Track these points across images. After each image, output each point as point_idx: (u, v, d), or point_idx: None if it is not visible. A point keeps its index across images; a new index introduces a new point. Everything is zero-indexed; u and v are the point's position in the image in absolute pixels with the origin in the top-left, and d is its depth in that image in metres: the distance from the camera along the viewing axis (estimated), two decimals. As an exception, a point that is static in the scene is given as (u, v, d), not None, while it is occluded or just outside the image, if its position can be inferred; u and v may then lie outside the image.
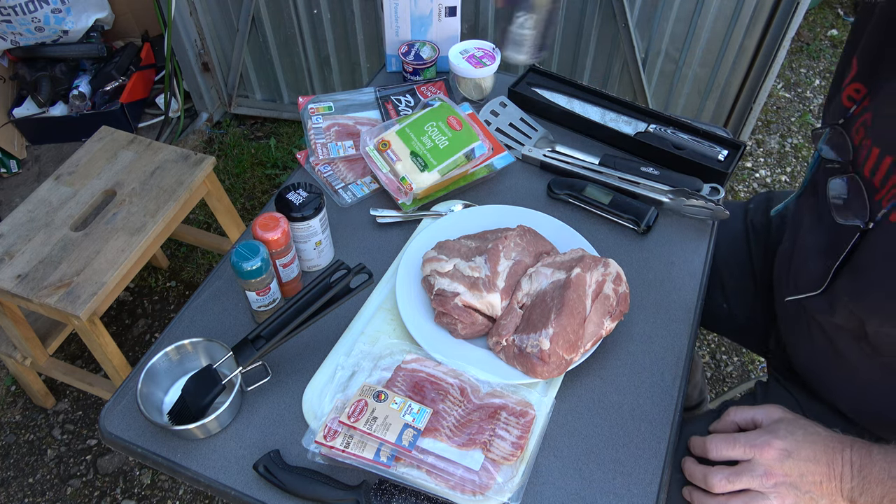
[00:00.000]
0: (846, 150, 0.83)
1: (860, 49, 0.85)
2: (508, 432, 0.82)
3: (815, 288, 0.84)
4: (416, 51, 1.30)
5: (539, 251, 1.00)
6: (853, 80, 0.85)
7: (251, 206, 2.38)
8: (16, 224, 1.53)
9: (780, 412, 0.86)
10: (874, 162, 0.77)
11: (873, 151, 0.77)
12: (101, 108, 2.45)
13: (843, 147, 0.84)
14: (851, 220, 0.78)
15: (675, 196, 1.10)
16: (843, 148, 0.84)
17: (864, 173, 0.78)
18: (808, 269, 0.89)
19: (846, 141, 0.83)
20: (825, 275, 0.83)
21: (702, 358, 2.02)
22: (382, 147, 1.10)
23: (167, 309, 2.12)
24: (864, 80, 0.84)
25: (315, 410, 0.86)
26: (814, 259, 0.88)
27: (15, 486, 1.77)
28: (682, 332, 0.97)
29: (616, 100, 1.27)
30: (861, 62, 0.85)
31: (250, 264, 0.87)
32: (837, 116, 0.87)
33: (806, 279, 0.89)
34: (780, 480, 0.79)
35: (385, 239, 1.08)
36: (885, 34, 0.81)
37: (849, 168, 0.82)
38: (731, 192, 2.46)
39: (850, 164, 0.82)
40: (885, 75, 0.80)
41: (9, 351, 1.68)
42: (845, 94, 0.86)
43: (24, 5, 2.27)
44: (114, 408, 0.89)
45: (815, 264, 0.87)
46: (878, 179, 0.77)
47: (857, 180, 0.79)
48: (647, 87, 2.17)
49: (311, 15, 2.23)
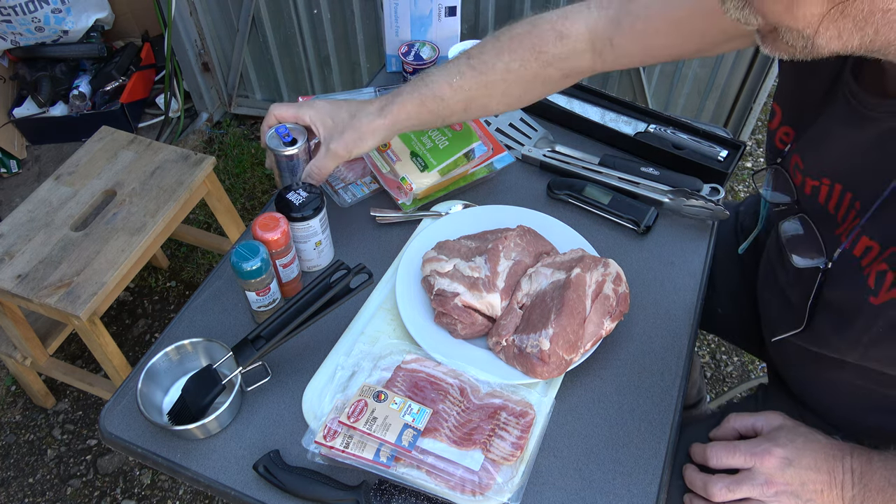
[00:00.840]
0: (790, 190, 0.84)
1: (777, 96, 0.87)
2: (508, 432, 0.82)
3: (795, 327, 0.84)
4: (416, 51, 1.30)
5: (539, 251, 1.00)
6: (781, 123, 0.87)
7: (251, 206, 2.38)
8: (16, 224, 1.53)
9: (781, 419, 0.86)
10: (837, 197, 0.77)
11: (836, 187, 0.77)
12: (101, 108, 2.45)
13: (786, 187, 0.85)
14: (812, 261, 0.78)
15: (675, 196, 1.10)
16: (787, 188, 0.85)
17: (829, 209, 0.78)
18: (786, 309, 0.89)
19: (788, 180, 0.84)
20: (802, 314, 0.82)
21: (701, 358, 2.02)
22: (382, 147, 1.10)
23: (167, 309, 2.12)
24: (790, 124, 0.86)
25: (315, 410, 0.86)
26: (788, 298, 0.89)
27: (15, 486, 1.77)
28: (681, 332, 0.97)
29: (616, 100, 1.27)
30: (782, 107, 0.86)
31: (250, 264, 0.87)
32: (775, 157, 0.88)
33: (786, 319, 0.88)
34: (781, 489, 0.79)
35: (385, 239, 1.08)
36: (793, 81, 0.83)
37: (796, 208, 0.83)
38: (731, 193, 2.46)
39: (796, 205, 0.83)
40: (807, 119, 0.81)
41: (9, 351, 1.68)
42: (777, 138, 0.88)
43: (24, 5, 2.27)
44: (114, 408, 0.89)
45: (792, 303, 0.87)
46: (840, 215, 0.76)
47: (807, 220, 0.80)
48: (647, 87, 2.17)
49: (311, 15, 2.23)
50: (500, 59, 0.94)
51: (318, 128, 0.98)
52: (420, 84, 0.96)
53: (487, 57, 0.94)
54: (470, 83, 0.94)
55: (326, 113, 0.98)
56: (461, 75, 0.94)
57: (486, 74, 0.94)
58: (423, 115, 0.96)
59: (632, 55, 0.93)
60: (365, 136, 0.95)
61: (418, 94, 0.95)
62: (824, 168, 0.78)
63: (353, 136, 0.95)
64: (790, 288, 0.88)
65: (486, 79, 0.94)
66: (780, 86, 0.87)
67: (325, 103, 0.99)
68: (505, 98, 0.98)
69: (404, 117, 0.96)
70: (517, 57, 0.93)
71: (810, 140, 0.81)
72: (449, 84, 0.94)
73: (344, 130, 0.95)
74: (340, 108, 0.98)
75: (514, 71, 0.94)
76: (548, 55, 0.93)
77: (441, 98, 0.95)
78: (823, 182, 0.78)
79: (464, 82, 0.94)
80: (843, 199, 0.75)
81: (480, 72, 0.94)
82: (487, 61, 0.94)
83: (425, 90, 0.95)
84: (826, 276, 0.77)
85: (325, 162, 0.97)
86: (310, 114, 0.98)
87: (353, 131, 0.95)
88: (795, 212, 0.82)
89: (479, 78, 0.94)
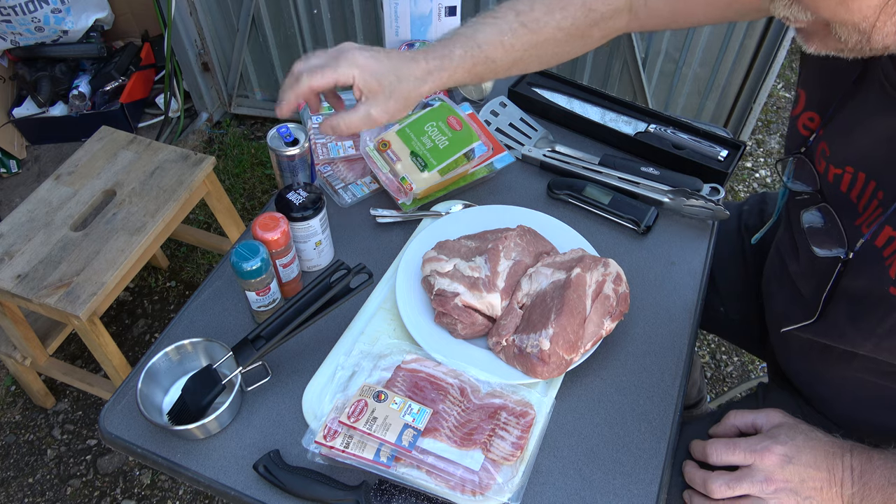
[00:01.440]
0: (813, 179, 0.83)
1: (801, 81, 0.86)
2: (508, 432, 0.82)
3: (807, 318, 0.83)
4: (416, 51, 1.30)
5: (539, 251, 1.00)
6: (804, 109, 0.86)
7: (251, 206, 2.38)
8: (16, 224, 1.53)
9: (781, 417, 0.86)
10: (861, 186, 0.76)
11: (859, 176, 0.76)
12: (101, 108, 2.45)
13: (809, 176, 0.84)
14: (831, 252, 0.77)
15: (675, 196, 1.10)
16: (809, 177, 0.84)
17: (851, 198, 0.77)
18: (798, 300, 0.89)
19: (811, 169, 0.83)
20: (815, 305, 0.82)
21: (701, 358, 2.02)
22: (382, 147, 1.10)
23: (167, 309, 2.12)
24: (815, 109, 0.84)
25: (315, 410, 0.86)
26: (798, 290, 0.88)
27: (15, 486, 1.77)
28: (682, 332, 0.97)
29: (616, 100, 1.27)
30: (807, 92, 0.85)
31: (250, 264, 0.87)
32: (798, 145, 0.86)
33: (795, 310, 0.88)
34: (781, 486, 0.79)
35: (385, 239, 1.08)
36: (820, 65, 0.81)
37: (819, 198, 0.82)
38: (731, 192, 2.46)
39: (819, 194, 0.82)
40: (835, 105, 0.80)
41: (9, 351, 1.68)
42: (800, 123, 0.87)
43: (24, 5, 2.27)
44: (114, 408, 0.89)
45: (803, 294, 0.87)
46: (862, 204, 0.76)
47: (829, 210, 0.79)
48: (647, 87, 2.17)
49: (311, 15, 2.23)
50: (552, 16, 0.89)
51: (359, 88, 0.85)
52: (472, 44, 0.87)
53: (539, 14, 0.89)
54: (522, 42, 0.89)
55: (371, 73, 0.84)
56: (513, 34, 0.88)
57: (537, 34, 0.89)
58: (468, 78, 0.90)
59: (661, 16, 0.92)
60: (410, 104, 0.87)
61: (471, 56, 0.87)
62: (849, 156, 0.77)
63: (398, 105, 0.85)
64: (803, 279, 0.88)
65: (536, 38, 0.90)
66: (804, 71, 0.86)
67: (368, 59, 0.84)
68: (548, 59, 0.94)
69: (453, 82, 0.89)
70: (569, 15, 0.89)
71: (838, 127, 0.79)
72: (501, 44, 0.88)
73: (390, 96, 0.84)
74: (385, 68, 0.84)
75: (565, 29, 0.90)
76: (597, 13, 0.90)
77: (493, 60, 0.89)
78: (847, 170, 0.77)
79: (516, 41, 0.89)
80: (867, 189, 0.75)
81: (532, 30, 0.89)
82: (539, 19, 0.89)
83: (478, 52, 0.88)
84: (846, 267, 0.76)
85: (358, 123, 0.85)
86: (354, 74, 0.83)
87: (397, 100, 0.85)
88: (818, 201, 0.81)
89: (530, 37, 0.89)
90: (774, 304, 0.99)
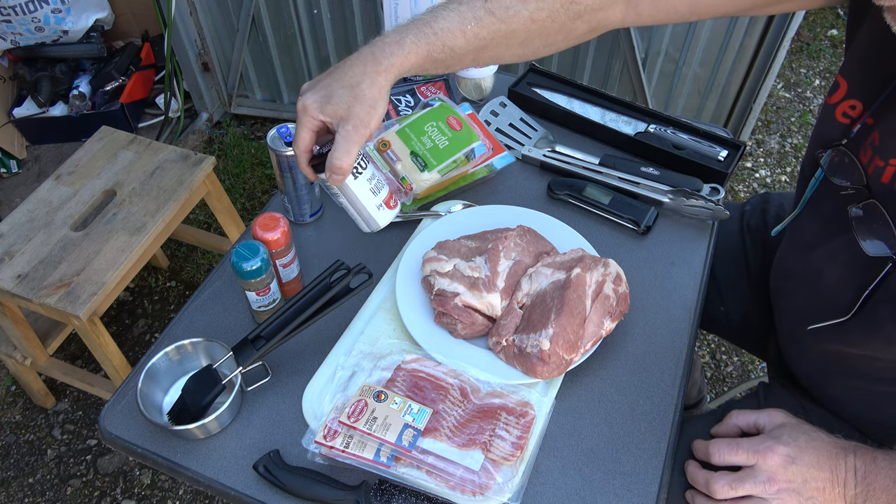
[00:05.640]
0: (857, 174, 0.79)
1: (844, 67, 0.82)
2: (508, 432, 0.82)
3: (839, 315, 0.81)
4: (416, 51, 1.30)
5: (539, 251, 1.00)
6: (846, 97, 0.82)
7: (251, 206, 2.38)
8: (16, 224, 1.53)
9: (783, 417, 0.86)
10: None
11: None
12: (101, 108, 2.45)
13: (851, 170, 0.80)
14: (881, 252, 0.75)
15: (675, 196, 1.10)
16: (852, 171, 0.80)
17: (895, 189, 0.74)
18: (821, 297, 0.86)
19: (854, 162, 0.79)
20: (849, 301, 0.79)
21: (701, 358, 2.02)
22: (382, 147, 1.10)
23: (167, 309, 2.12)
24: (859, 98, 0.81)
25: (315, 410, 0.86)
26: (834, 285, 0.85)
27: (15, 486, 1.77)
28: (682, 332, 0.97)
29: (616, 100, 1.27)
30: (849, 80, 0.81)
31: (250, 264, 0.87)
32: (837, 136, 0.83)
33: (821, 307, 0.85)
34: (784, 487, 0.78)
35: (385, 239, 1.08)
36: (869, 53, 0.79)
37: (865, 193, 0.77)
38: (731, 192, 2.46)
39: (866, 189, 0.78)
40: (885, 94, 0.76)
41: (9, 351, 1.68)
42: (839, 112, 0.83)
43: (24, 5, 2.27)
44: (114, 408, 0.89)
45: (837, 291, 0.84)
46: None
47: (878, 207, 0.75)
48: (647, 87, 2.17)
49: (311, 15, 2.23)
50: (526, 6, 0.83)
51: (324, 122, 0.81)
52: (427, 30, 0.82)
53: (510, 2, 0.82)
54: (487, 31, 0.83)
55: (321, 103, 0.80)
56: (478, 22, 0.82)
57: (506, 23, 0.83)
58: (428, 65, 0.84)
59: (676, 10, 0.85)
60: (376, 102, 0.80)
61: (426, 43, 0.81)
62: None
63: (363, 108, 0.79)
64: (836, 275, 0.84)
65: (506, 28, 0.83)
66: (849, 58, 0.82)
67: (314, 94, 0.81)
68: (521, 49, 0.88)
69: (408, 69, 0.83)
70: (545, 6, 0.83)
71: (891, 118, 0.76)
72: (463, 33, 0.82)
73: (350, 108, 0.79)
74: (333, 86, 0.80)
75: (540, 21, 0.84)
76: (580, 6, 0.84)
77: (451, 48, 0.82)
78: (890, 163, 0.74)
79: (480, 30, 0.82)
80: None
81: (500, 19, 0.82)
82: (510, 7, 0.82)
83: (434, 40, 0.81)
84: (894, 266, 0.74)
85: (343, 148, 0.79)
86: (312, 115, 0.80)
87: (360, 103, 0.79)
88: (866, 196, 0.77)
89: (497, 26, 0.83)
90: (792, 301, 0.96)
